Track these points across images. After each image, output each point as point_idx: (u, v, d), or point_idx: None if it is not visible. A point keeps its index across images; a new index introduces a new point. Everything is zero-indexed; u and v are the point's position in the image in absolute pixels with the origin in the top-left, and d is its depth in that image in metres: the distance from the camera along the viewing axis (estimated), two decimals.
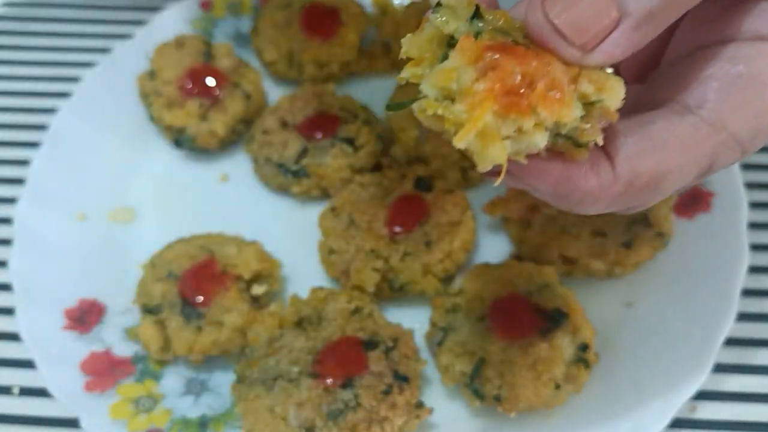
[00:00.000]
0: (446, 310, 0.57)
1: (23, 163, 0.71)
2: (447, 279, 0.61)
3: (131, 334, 0.60)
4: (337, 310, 0.57)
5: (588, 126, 0.29)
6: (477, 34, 0.28)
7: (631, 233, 0.59)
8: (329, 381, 0.52)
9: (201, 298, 0.58)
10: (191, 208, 0.69)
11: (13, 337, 0.60)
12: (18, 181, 0.69)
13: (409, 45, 0.31)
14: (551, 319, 0.54)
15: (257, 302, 0.61)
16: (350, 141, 0.68)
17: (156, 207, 0.69)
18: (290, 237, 0.67)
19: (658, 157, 0.31)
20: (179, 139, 0.70)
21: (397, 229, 0.61)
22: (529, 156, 0.29)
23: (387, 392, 0.52)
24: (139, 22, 0.82)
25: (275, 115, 0.71)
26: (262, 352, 0.56)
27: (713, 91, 0.32)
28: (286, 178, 0.68)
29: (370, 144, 0.68)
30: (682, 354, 0.55)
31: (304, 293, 0.60)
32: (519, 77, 0.27)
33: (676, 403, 0.53)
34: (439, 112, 0.28)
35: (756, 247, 0.62)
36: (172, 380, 0.58)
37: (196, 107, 0.69)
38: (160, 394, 0.57)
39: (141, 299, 0.59)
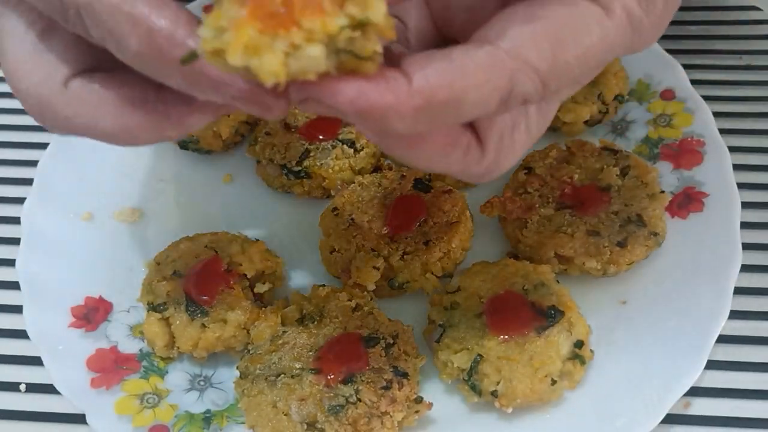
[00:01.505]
0: (444, 307, 0.58)
1: (30, 163, 0.72)
2: (445, 277, 0.62)
3: (137, 331, 0.61)
4: (338, 308, 0.58)
5: (369, 43, 0.32)
6: None
7: (625, 233, 0.60)
8: (330, 377, 0.53)
9: (205, 296, 0.58)
10: (196, 208, 0.70)
11: (20, 334, 0.61)
12: (25, 181, 0.70)
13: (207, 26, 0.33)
14: (547, 317, 0.55)
15: (260, 300, 0.62)
16: (351, 143, 0.69)
17: (161, 207, 0.70)
18: (292, 236, 0.68)
19: (454, 74, 0.33)
20: (184, 141, 0.71)
21: (397, 228, 0.62)
22: (321, 75, 0.32)
23: (387, 388, 0.53)
24: None
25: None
26: (265, 348, 0.57)
27: (512, 25, 0.35)
28: (288, 178, 0.69)
29: (371, 146, 0.69)
30: (676, 351, 0.56)
31: (306, 291, 0.61)
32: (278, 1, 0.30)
33: (670, 399, 0.54)
34: (217, 45, 0.31)
35: (749, 246, 0.63)
36: (177, 376, 0.59)
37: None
38: (165, 390, 0.58)
39: (146, 297, 0.60)
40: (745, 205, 0.63)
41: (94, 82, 0.38)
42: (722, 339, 0.57)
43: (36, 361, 0.59)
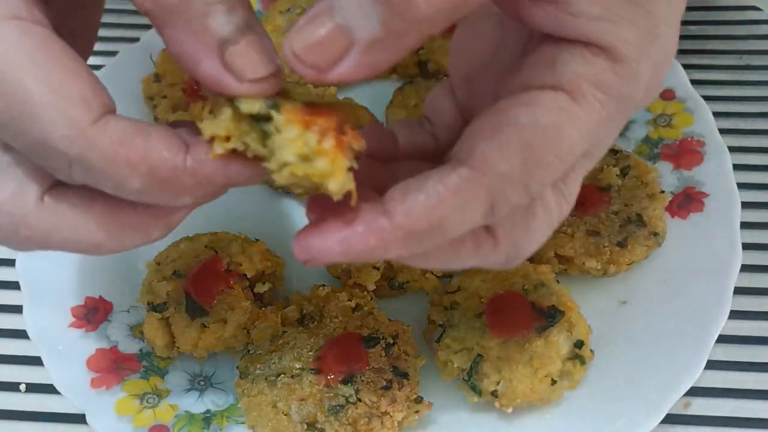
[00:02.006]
0: (444, 307, 0.58)
1: None
2: (445, 277, 0.62)
3: (137, 331, 0.61)
4: (338, 308, 0.58)
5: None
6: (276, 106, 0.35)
7: (625, 233, 0.60)
8: (330, 377, 0.53)
9: (205, 296, 0.58)
10: (196, 208, 0.70)
11: (20, 334, 0.61)
12: None
13: (212, 128, 0.36)
14: (547, 317, 0.55)
15: (260, 300, 0.62)
16: None
17: None
18: (292, 236, 0.67)
19: (430, 204, 0.34)
20: None
21: None
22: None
23: (387, 388, 0.53)
24: (144, 26, 0.83)
25: None
26: (265, 348, 0.57)
27: (478, 141, 0.35)
28: None
29: None
30: (676, 351, 0.56)
31: (306, 291, 0.61)
32: (333, 127, 0.35)
33: (670, 399, 0.54)
34: (308, 172, 0.34)
35: (749, 246, 0.63)
36: (177, 376, 0.59)
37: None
38: (165, 390, 0.58)
39: (146, 297, 0.60)
40: (746, 205, 0.63)
41: (72, 193, 0.37)
42: (722, 339, 0.57)
43: (36, 361, 0.59)
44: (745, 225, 0.62)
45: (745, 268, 0.60)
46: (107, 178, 0.34)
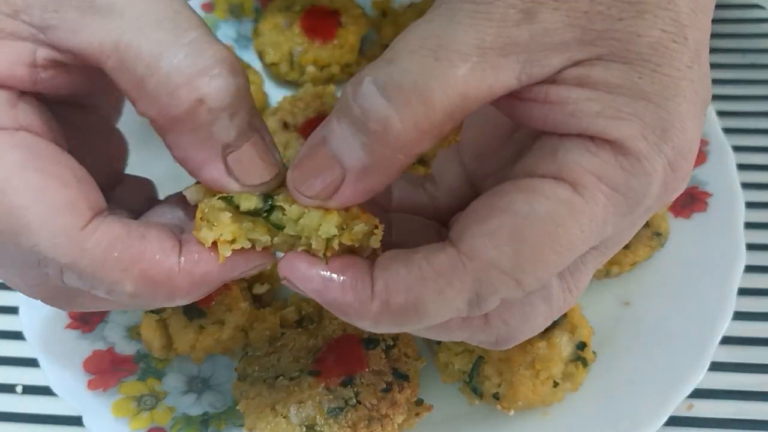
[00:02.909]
0: None
1: None
2: None
3: (134, 332, 0.61)
4: None
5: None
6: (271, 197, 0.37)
7: None
8: (330, 379, 0.53)
9: (203, 298, 0.58)
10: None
11: (16, 335, 0.61)
12: None
13: (213, 236, 0.36)
14: None
15: (259, 301, 0.61)
16: None
17: None
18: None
19: (411, 280, 0.33)
20: None
21: None
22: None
23: (387, 390, 0.52)
24: None
25: (276, 116, 0.72)
26: (264, 350, 0.56)
27: (470, 224, 0.33)
28: None
29: None
30: (679, 352, 0.56)
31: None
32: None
33: (673, 401, 0.53)
34: (352, 238, 0.37)
35: (752, 247, 0.62)
36: (175, 378, 0.59)
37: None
38: (163, 392, 0.58)
39: None
40: (749, 205, 0.63)
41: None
42: (726, 340, 0.57)
43: (32, 362, 0.58)
44: (748, 225, 0.62)
45: (749, 268, 0.60)
46: (99, 282, 0.34)
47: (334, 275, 0.35)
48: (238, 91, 0.35)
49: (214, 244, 0.36)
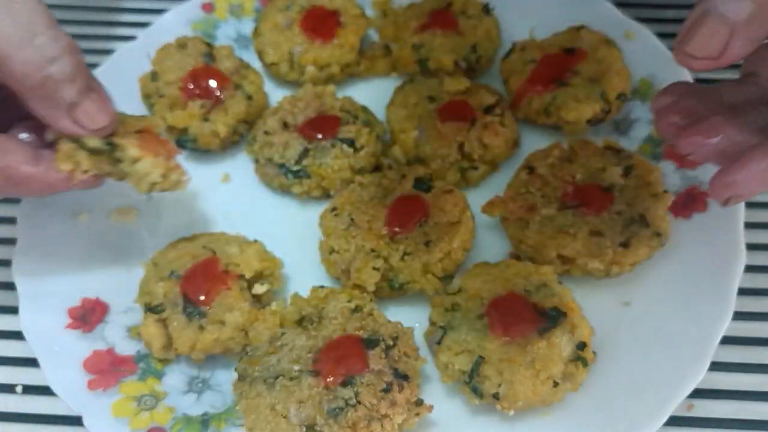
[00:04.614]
0: (445, 308, 0.58)
1: None
2: (446, 278, 0.61)
3: (134, 332, 0.61)
4: (337, 309, 0.57)
5: None
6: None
7: (628, 233, 0.60)
8: (330, 379, 0.53)
9: (203, 297, 0.58)
10: (193, 208, 0.70)
11: (16, 335, 0.60)
12: None
13: (67, 164, 0.55)
14: (549, 318, 0.55)
15: (259, 301, 0.61)
16: (350, 142, 0.68)
17: (158, 207, 0.69)
18: (291, 237, 0.67)
19: None
20: (181, 140, 0.71)
21: (397, 228, 0.62)
22: None
23: (387, 390, 0.52)
24: (141, 24, 0.83)
25: (276, 116, 0.72)
26: (264, 350, 0.56)
27: None
28: (287, 178, 0.68)
29: (370, 145, 0.69)
30: (679, 352, 0.56)
31: (305, 292, 0.60)
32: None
33: (673, 401, 0.53)
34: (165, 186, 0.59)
35: (752, 247, 0.62)
36: (175, 378, 0.59)
37: (198, 108, 0.70)
38: (163, 392, 0.58)
39: (143, 298, 0.60)
40: (749, 205, 0.63)
41: None
42: (726, 340, 0.56)
43: (32, 362, 0.58)
44: (748, 225, 0.62)
45: (749, 268, 0.59)
46: None
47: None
48: (76, 66, 0.51)
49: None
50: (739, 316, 0.59)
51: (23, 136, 0.55)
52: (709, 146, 0.46)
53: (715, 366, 0.57)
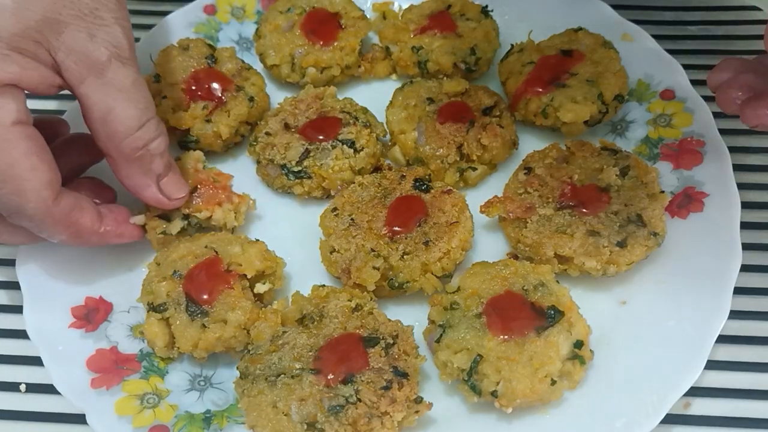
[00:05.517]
0: (444, 307, 0.58)
1: None
2: (445, 277, 0.62)
3: (137, 331, 0.61)
4: (338, 308, 0.58)
5: None
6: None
7: (625, 233, 0.60)
8: (330, 377, 0.53)
9: (205, 296, 0.59)
10: None
11: (20, 334, 0.61)
12: None
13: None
14: (547, 317, 0.55)
15: (260, 300, 0.62)
16: (351, 143, 0.69)
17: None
18: (292, 236, 0.68)
19: None
20: (184, 141, 0.71)
21: (397, 228, 0.62)
22: None
23: (387, 388, 0.53)
24: (144, 26, 0.83)
25: (278, 117, 0.72)
26: (265, 348, 0.57)
27: None
28: (288, 178, 0.69)
29: (371, 146, 0.70)
30: (676, 351, 0.56)
31: (306, 291, 0.61)
32: None
33: (669, 400, 0.54)
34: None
35: (748, 247, 0.63)
36: (177, 377, 0.59)
37: (201, 110, 0.71)
38: (165, 390, 0.58)
39: (146, 297, 0.60)
40: (745, 205, 0.63)
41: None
42: (722, 339, 0.57)
43: (36, 361, 0.59)
44: (745, 225, 0.62)
45: (745, 268, 0.60)
46: (48, 231, 0.56)
47: None
48: (166, 146, 0.61)
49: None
50: (735, 315, 0.59)
51: (89, 193, 0.62)
52: None
53: (712, 364, 0.58)
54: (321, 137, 0.69)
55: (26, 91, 0.54)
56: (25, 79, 0.52)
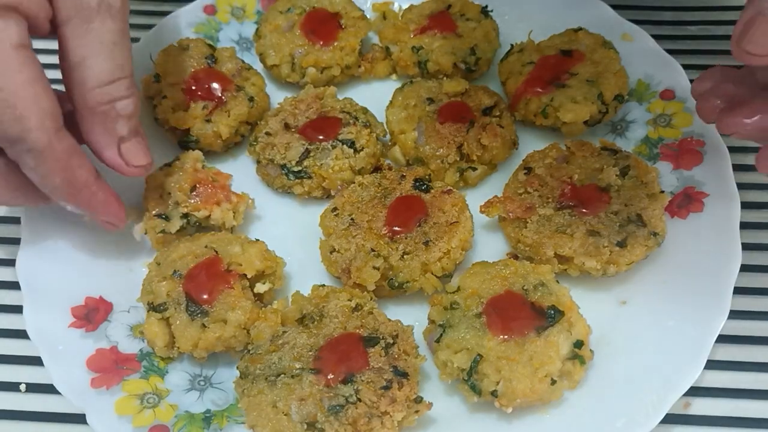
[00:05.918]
0: (444, 307, 0.58)
1: None
2: (445, 277, 0.62)
3: (137, 331, 0.61)
4: (338, 308, 0.58)
5: None
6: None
7: (625, 233, 0.60)
8: (330, 377, 0.53)
9: (205, 296, 0.59)
10: None
11: (20, 334, 0.61)
12: None
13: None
14: (547, 317, 0.55)
15: (260, 300, 0.62)
16: (351, 143, 0.69)
17: None
18: (292, 236, 0.68)
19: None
20: (184, 141, 0.71)
21: (397, 228, 0.62)
22: None
23: (387, 387, 0.53)
24: (144, 26, 0.83)
25: (278, 117, 0.72)
26: (265, 348, 0.57)
27: None
28: (288, 178, 0.69)
29: (371, 146, 0.70)
30: (676, 351, 0.56)
31: (306, 291, 0.61)
32: None
33: (669, 399, 0.54)
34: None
35: (748, 246, 0.63)
36: (177, 376, 0.59)
37: (201, 110, 0.71)
38: (166, 390, 0.58)
39: (146, 297, 0.60)
40: (745, 205, 0.64)
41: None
42: (722, 339, 0.57)
43: (36, 361, 0.59)
44: (744, 225, 0.62)
45: (745, 268, 0.60)
46: (45, 168, 0.53)
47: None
48: (135, 110, 0.58)
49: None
50: (735, 315, 0.59)
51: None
52: (748, 125, 0.52)
53: (712, 364, 0.58)
54: (321, 137, 0.69)
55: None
56: (24, 2, 0.51)
